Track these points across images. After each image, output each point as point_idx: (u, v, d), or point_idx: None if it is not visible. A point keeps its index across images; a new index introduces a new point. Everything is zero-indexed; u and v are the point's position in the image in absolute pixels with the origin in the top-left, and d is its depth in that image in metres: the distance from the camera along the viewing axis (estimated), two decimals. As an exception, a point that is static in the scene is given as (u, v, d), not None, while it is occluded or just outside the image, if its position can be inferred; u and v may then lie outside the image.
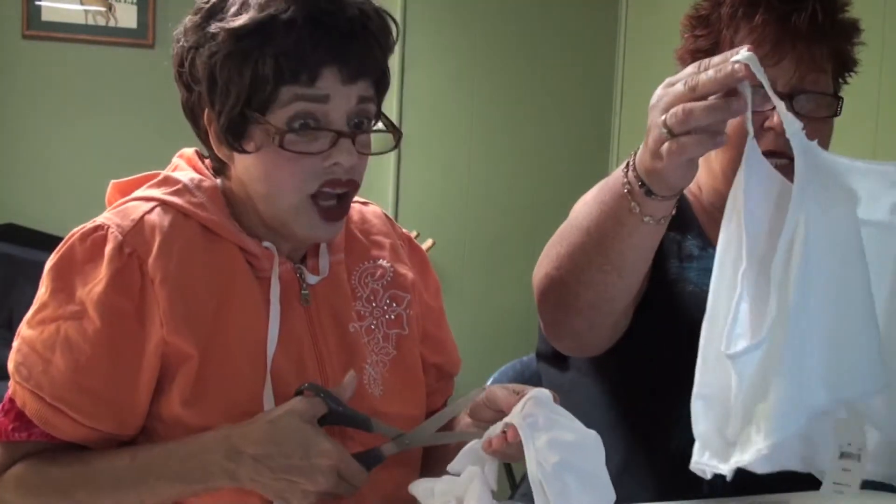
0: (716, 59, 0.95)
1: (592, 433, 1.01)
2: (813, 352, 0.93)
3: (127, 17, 3.27)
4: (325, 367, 1.15)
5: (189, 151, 1.22)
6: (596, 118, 3.57)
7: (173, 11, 3.27)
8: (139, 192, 1.15)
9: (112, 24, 3.27)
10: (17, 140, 3.22)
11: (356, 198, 1.27)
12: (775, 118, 1.28)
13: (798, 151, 0.95)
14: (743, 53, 0.92)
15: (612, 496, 1.00)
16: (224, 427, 1.05)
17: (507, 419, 1.02)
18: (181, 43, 1.12)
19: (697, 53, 1.39)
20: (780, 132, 1.26)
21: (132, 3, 3.27)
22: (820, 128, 1.33)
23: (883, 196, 1.01)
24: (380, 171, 3.34)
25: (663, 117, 0.95)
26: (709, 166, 1.42)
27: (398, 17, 3.27)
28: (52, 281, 1.09)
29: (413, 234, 1.38)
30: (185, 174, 1.17)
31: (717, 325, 0.97)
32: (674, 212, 1.10)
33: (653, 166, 1.00)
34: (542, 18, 3.51)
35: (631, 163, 1.05)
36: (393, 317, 1.23)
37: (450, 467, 1.05)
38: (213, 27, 1.07)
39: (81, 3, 3.24)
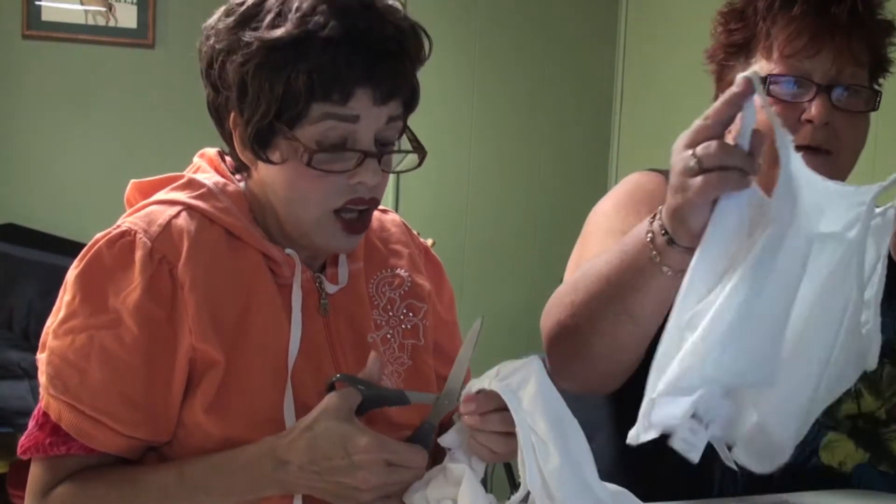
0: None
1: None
2: (726, 330, 0.92)
3: (127, 17, 3.28)
4: None
5: (211, 151, 1.21)
6: (596, 119, 3.57)
7: (173, 11, 3.27)
8: (162, 195, 1.14)
9: (112, 24, 3.27)
10: (17, 140, 3.22)
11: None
12: (813, 109, 1.27)
13: (783, 162, 0.94)
14: (745, 73, 0.94)
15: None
16: (268, 439, 1.05)
17: (479, 384, 1.02)
18: (211, 42, 1.10)
19: (731, 48, 1.37)
20: (818, 125, 1.27)
21: (132, 3, 3.27)
22: (856, 122, 1.32)
23: (845, 213, 0.99)
24: (380, 171, 3.34)
25: (691, 151, 0.95)
26: None
27: (398, 17, 3.27)
28: (81, 289, 1.07)
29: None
30: (209, 177, 1.16)
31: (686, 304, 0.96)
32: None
33: (674, 202, 0.99)
34: (542, 19, 3.51)
35: (658, 213, 1.05)
36: (409, 326, 1.23)
37: (441, 440, 1.06)
38: (248, 36, 1.06)
39: (81, 3, 3.24)
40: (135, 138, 3.29)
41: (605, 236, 1.33)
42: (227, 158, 1.20)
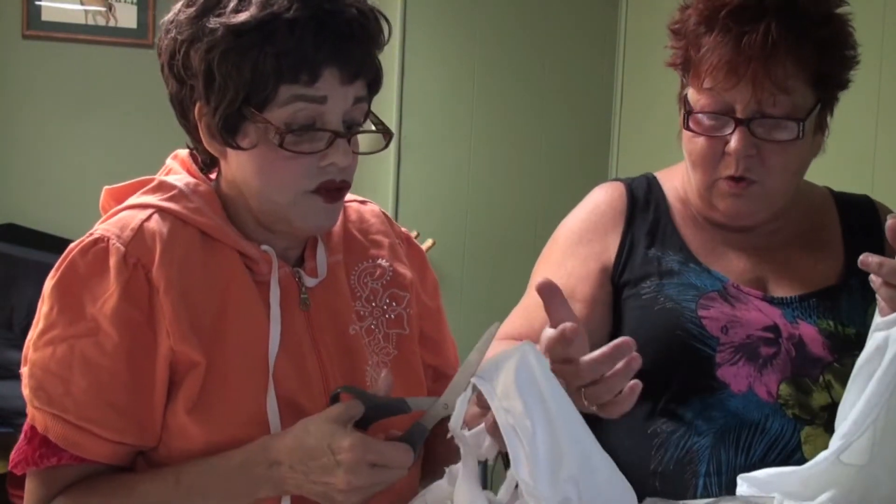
0: None
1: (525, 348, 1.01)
2: None
3: (127, 17, 3.28)
4: (327, 371, 1.14)
5: (183, 153, 1.21)
6: (596, 118, 3.57)
7: (173, 11, 3.27)
8: (134, 199, 1.14)
9: (112, 24, 3.27)
10: (18, 140, 3.22)
11: (355, 196, 1.28)
12: (732, 143, 1.30)
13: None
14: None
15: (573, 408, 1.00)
16: (262, 439, 1.05)
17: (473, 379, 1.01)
18: (172, 35, 1.10)
19: (675, 66, 1.41)
20: (738, 158, 1.31)
21: (132, 3, 3.28)
22: (783, 149, 1.31)
23: None
24: (380, 171, 3.34)
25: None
26: (686, 180, 1.45)
27: (398, 17, 3.27)
28: (58, 299, 1.07)
29: (413, 234, 1.38)
30: (180, 178, 1.16)
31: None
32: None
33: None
34: (542, 18, 3.51)
35: None
36: (393, 316, 1.23)
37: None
38: (212, 22, 1.06)
39: (81, 3, 3.24)
40: (135, 138, 3.29)
41: (556, 268, 1.43)
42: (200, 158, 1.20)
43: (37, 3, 3.19)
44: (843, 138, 2.25)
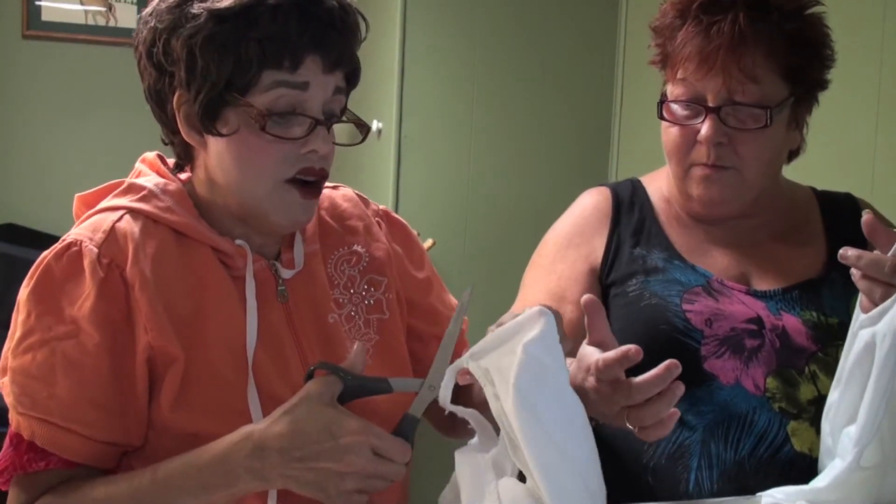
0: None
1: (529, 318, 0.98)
2: None
3: (127, 17, 3.28)
4: (308, 361, 1.14)
5: (150, 155, 1.23)
6: (596, 118, 3.57)
7: (173, 11, 3.27)
8: (105, 203, 1.16)
9: (112, 24, 3.27)
10: (17, 140, 3.22)
11: (326, 183, 1.28)
12: (703, 131, 1.34)
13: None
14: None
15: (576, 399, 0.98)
16: (244, 427, 1.03)
17: (459, 364, 1.00)
18: (151, 24, 1.11)
19: (656, 64, 1.46)
20: (708, 145, 1.34)
21: (132, 3, 3.28)
22: (754, 138, 1.35)
23: None
24: (380, 171, 3.34)
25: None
26: (670, 179, 1.48)
27: (398, 17, 3.27)
28: (35, 305, 1.07)
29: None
30: (149, 179, 1.17)
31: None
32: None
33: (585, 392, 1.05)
34: (542, 18, 3.51)
35: None
36: (372, 302, 1.23)
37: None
38: (195, 8, 1.07)
39: (81, 3, 3.24)
40: (134, 138, 3.27)
41: (546, 273, 1.46)
42: (169, 161, 1.21)
43: (37, 3, 3.19)
44: (843, 138, 2.26)
